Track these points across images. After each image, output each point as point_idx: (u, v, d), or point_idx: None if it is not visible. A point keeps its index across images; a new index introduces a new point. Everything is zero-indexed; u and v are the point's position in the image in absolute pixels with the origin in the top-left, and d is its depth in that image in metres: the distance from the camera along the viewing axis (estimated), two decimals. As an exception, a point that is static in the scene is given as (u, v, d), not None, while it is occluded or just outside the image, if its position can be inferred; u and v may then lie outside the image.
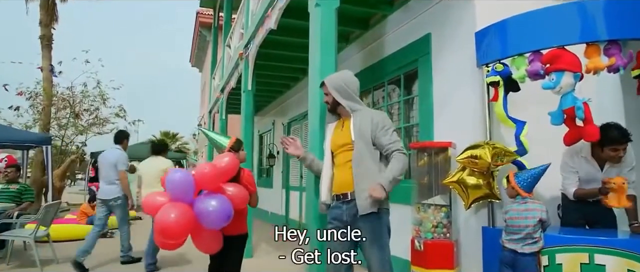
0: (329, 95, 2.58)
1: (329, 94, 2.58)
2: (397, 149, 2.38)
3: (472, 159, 2.99)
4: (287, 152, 2.70)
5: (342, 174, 2.46)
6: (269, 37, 5.33)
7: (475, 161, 2.97)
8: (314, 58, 3.10)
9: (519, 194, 2.69)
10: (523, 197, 2.68)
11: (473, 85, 3.37)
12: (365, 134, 2.41)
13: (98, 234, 4.94)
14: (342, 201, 2.43)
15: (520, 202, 2.67)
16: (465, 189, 3.05)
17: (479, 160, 2.97)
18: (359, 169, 2.37)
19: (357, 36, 5.40)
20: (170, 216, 2.18)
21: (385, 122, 2.46)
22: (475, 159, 2.97)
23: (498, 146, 2.96)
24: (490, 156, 2.92)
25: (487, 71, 3.11)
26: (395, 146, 2.39)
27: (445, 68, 3.77)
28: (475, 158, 2.99)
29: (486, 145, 2.98)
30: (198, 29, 18.72)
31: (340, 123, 2.61)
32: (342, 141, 2.50)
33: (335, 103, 2.57)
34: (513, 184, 2.72)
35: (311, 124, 3.06)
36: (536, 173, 2.71)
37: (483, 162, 2.95)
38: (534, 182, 2.72)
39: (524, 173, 2.76)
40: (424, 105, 4.03)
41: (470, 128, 3.37)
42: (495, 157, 2.92)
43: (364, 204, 2.30)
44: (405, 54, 4.34)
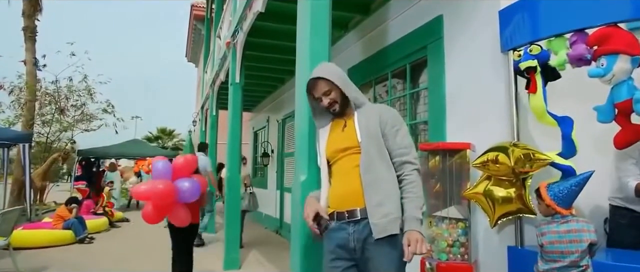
0: (335, 92, 1.96)
1: (333, 91, 1.96)
2: (410, 161, 1.84)
3: (489, 164, 2.42)
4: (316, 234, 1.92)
5: (345, 184, 1.89)
6: (259, 23, 4.76)
7: (494, 165, 2.40)
8: (303, 43, 2.50)
9: (557, 212, 2.12)
10: (563, 215, 2.11)
11: (496, 73, 2.80)
12: (374, 133, 1.87)
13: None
14: (348, 220, 1.84)
15: (559, 222, 2.10)
16: (492, 202, 2.48)
17: (499, 165, 2.40)
18: (370, 176, 1.81)
19: (357, 23, 4.82)
20: (158, 186, 3.21)
21: (395, 121, 1.91)
22: (495, 164, 2.40)
23: (527, 147, 2.40)
24: (512, 160, 2.35)
25: (518, 56, 2.54)
26: (408, 155, 1.85)
27: (460, 55, 3.19)
28: (493, 162, 2.42)
29: (511, 146, 2.41)
30: (193, 22, 18.12)
31: (339, 123, 2.04)
32: (344, 144, 1.94)
33: (345, 101, 1.98)
34: (546, 198, 2.14)
35: (299, 125, 2.43)
36: (574, 184, 2.12)
37: (503, 168, 2.38)
38: (573, 195, 2.13)
39: (558, 184, 2.18)
40: (434, 100, 3.46)
41: (493, 126, 2.80)
42: (521, 161, 2.35)
43: (382, 223, 1.73)
44: (413, 41, 3.76)
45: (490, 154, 2.47)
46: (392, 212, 1.75)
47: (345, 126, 2.00)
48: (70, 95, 10.89)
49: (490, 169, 2.46)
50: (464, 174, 2.80)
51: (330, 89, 1.96)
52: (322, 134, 2.08)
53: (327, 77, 1.96)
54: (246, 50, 5.44)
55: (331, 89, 1.96)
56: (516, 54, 2.57)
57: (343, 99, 1.99)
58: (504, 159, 2.38)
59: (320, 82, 1.97)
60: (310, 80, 2.01)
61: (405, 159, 1.84)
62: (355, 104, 1.98)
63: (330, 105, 1.98)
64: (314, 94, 2.02)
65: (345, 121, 2.01)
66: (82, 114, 11.20)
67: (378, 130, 1.88)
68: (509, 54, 2.66)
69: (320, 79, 1.97)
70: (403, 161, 1.84)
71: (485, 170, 2.50)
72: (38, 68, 10.77)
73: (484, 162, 2.48)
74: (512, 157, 2.36)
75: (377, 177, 1.81)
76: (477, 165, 2.51)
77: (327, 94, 1.97)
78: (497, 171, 2.43)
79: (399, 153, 1.85)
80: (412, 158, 1.85)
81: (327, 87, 1.96)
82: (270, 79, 7.72)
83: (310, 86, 2.03)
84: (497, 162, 2.41)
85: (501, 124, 2.73)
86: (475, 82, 3.01)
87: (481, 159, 2.50)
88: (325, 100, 1.97)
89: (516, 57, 2.57)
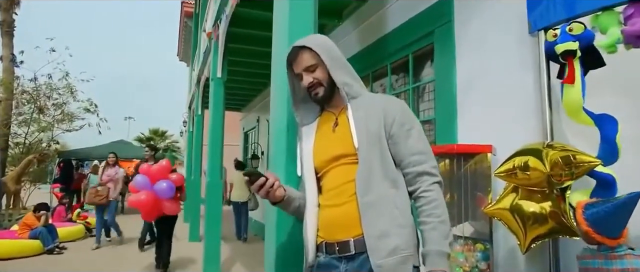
0: (321, 70, 1.46)
1: (319, 69, 1.46)
2: (428, 172, 1.34)
3: (517, 172, 1.91)
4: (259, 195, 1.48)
5: (336, 205, 1.38)
6: (244, 11, 4.24)
7: (523, 174, 1.88)
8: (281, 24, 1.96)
9: (599, 242, 1.60)
10: (610, 247, 1.59)
11: (522, 60, 2.29)
12: (376, 134, 1.37)
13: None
14: (340, 254, 1.34)
15: (608, 256, 1.59)
16: (522, 221, 1.95)
17: (530, 172, 1.88)
18: (370, 196, 1.30)
19: (352, 10, 4.30)
20: (141, 196, 4.42)
21: (406, 117, 1.40)
22: (524, 171, 1.89)
23: (566, 147, 1.88)
24: (547, 165, 1.83)
25: (553, 36, 2.03)
26: (425, 164, 1.34)
27: (474, 40, 2.68)
28: (522, 169, 1.91)
29: (545, 148, 1.90)
30: (184, 19, 17.52)
31: (328, 120, 1.52)
32: (336, 150, 1.43)
33: (332, 85, 1.47)
34: (582, 223, 1.62)
35: (275, 121, 1.88)
36: (621, 205, 1.55)
37: (536, 176, 1.86)
38: (617, 221, 1.58)
39: (599, 204, 1.64)
40: (442, 94, 2.94)
41: (517, 124, 2.29)
42: (559, 166, 1.83)
43: (388, 264, 1.23)
44: (416, 26, 3.25)
45: (517, 159, 1.95)
46: (402, 246, 1.24)
47: (336, 125, 1.48)
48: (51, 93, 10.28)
49: (518, 179, 1.94)
50: (482, 183, 2.29)
51: (316, 65, 1.45)
52: (307, 134, 1.54)
53: (314, 48, 1.44)
54: (231, 43, 4.91)
55: (317, 65, 1.45)
56: (551, 34, 2.06)
57: (331, 84, 1.47)
58: (537, 164, 1.86)
59: (303, 53, 1.45)
60: (293, 50, 1.49)
61: (421, 170, 1.33)
62: (347, 93, 1.45)
63: (312, 87, 1.45)
64: (294, 69, 1.51)
65: (337, 117, 1.49)
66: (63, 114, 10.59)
67: (381, 131, 1.37)
68: (539, 35, 2.15)
69: (305, 49, 1.45)
70: (418, 171, 1.33)
71: (512, 180, 1.98)
72: (15, 65, 10.17)
73: (510, 170, 1.96)
74: (547, 161, 1.84)
75: (380, 196, 1.29)
76: (502, 174, 1.99)
77: (309, 70, 1.45)
78: (527, 180, 1.91)
79: (413, 161, 1.34)
80: (430, 167, 1.34)
81: (312, 61, 1.45)
82: (261, 75, 7.17)
83: (291, 58, 1.50)
84: (528, 169, 1.89)
85: (528, 121, 2.23)
86: (494, 72, 2.50)
87: (506, 167, 1.98)
88: (306, 78, 1.45)
89: (551, 38, 2.06)
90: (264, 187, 1.34)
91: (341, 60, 1.50)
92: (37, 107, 10.12)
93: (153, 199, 4.43)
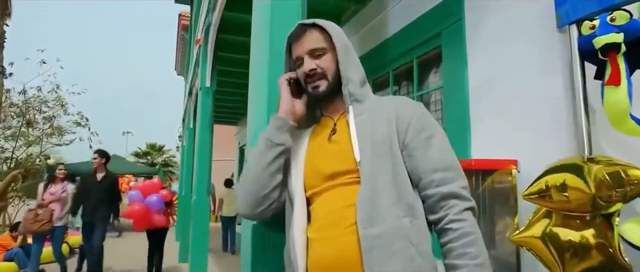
0: (329, 58, 1.14)
1: (327, 56, 1.14)
2: (456, 193, 1.01)
3: (552, 192, 1.56)
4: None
5: (331, 241, 1.03)
6: (233, 16, 3.94)
7: (560, 195, 1.53)
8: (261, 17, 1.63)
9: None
10: None
11: (548, 60, 1.96)
12: (385, 143, 1.05)
13: None
14: None
15: None
16: (559, 253, 1.59)
17: (569, 193, 1.53)
18: (376, 228, 0.97)
19: (352, 14, 4.00)
20: (134, 207, 5.05)
21: (425, 122, 1.09)
22: (561, 192, 1.54)
23: (613, 161, 1.54)
24: (592, 184, 1.49)
25: (590, 28, 1.70)
26: (452, 183, 1.02)
27: (490, 40, 2.36)
28: (559, 189, 1.55)
29: (586, 163, 1.56)
30: (181, 33, 17.34)
31: (324, 127, 1.20)
32: (331, 166, 1.10)
33: (337, 81, 1.14)
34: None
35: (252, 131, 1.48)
36: None
37: (577, 198, 1.51)
38: None
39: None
40: (452, 103, 2.60)
41: (545, 136, 1.95)
42: (606, 185, 1.47)
43: None
44: (421, 28, 2.93)
45: (551, 177, 1.60)
46: None
47: (333, 132, 1.14)
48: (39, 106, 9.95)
49: (553, 202, 1.59)
50: (505, 204, 1.93)
51: (325, 50, 1.14)
52: (297, 142, 1.19)
53: (327, 29, 1.14)
54: (222, 51, 4.60)
55: (325, 51, 1.14)
56: (587, 26, 1.73)
57: (337, 79, 1.14)
58: (577, 182, 1.51)
59: (312, 32, 1.15)
60: (297, 28, 1.17)
61: (447, 191, 0.99)
62: (351, 93, 1.12)
63: (313, 76, 1.13)
64: (294, 51, 1.18)
65: (335, 123, 1.16)
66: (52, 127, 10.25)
67: (393, 139, 1.04)
68: (569, 30, 1.82)
69: (315, 27, 1.15)
70: (443, 194, 0.99)
71: (546, 203, 1.62)
72: (4, 76, 9.87)
73: (543, 191, 1.61)
74: (591, 179, 1.50)
75: (390, 228, 0.96)
76: (532, 196, 1.63)
77: (315, 54, 1.14)
78: (565, 203, 1.56)
79: (436, 180, 1.00)
80: (459, 188, 1.00)
81: (321, 43, 1.14)
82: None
83: (292, 39, 1.18)
84: (566, 190, 1.54)
85: (557, 131, 1.89)
86: (514, 76, 2.17)
87: (537, 187, 1.63)
88: (308, 62, 1.13)
89: (587, 31, 1.73)
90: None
91: (355, 55, 1.19)
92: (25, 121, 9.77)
93: (144, 210, 5.02)
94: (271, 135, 1.12)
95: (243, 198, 1.13)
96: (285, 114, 1.14)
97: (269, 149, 1.11)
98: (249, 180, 1.12)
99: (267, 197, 1.11)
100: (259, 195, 1.11)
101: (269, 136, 1.12)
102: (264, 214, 1.14)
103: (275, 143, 1.11)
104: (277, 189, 1.13)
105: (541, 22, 1.99)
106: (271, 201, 1.12)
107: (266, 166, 1.10)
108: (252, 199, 1.11)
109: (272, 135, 1.12)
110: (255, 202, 1.11)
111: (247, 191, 1.12)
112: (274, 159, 1.11)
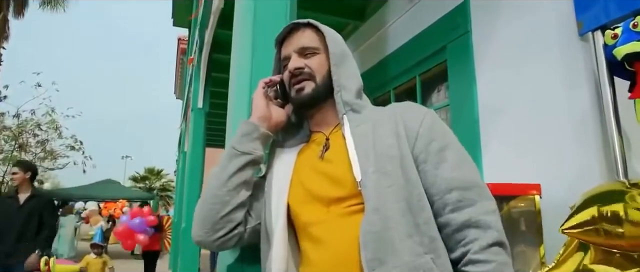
0: (318, 59, 0.95)
1: (318, 57, 0.95)
2: (481, 223, 0.78)
3: (603, 224, 1.31)
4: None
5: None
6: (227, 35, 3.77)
7: (616, 229, 1.29)
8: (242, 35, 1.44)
9: None
10: None
11: (570, 72, 1.76)
12: (395, 156, 0.83)
13: None
14: None
15: None
16: (600, 296, 1.33)
17: (625, 227, 1.28)
18: (388, 269, 0.74)
19: (351, 30, 3.85)
20: (119, 228, 5.68)
21: (435, 130, 0.87)
22: (617, 226, 1.29)
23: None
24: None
25: (612, 38, 1.50)
26: (473, 207, 0.79)
27: (500, 52, 2.16)
28: (612, 222, 1.30)
29: (630, 189, 1.32)
30: (180, 57, 17.36)
31: (316, 143, 0.96)
32: (324, 190, 0.87)
33: (327, 88, 0.94)
34: None
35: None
36: None
37: (632, 232, 1.27)
38: None
39: None
40: (461, 122, 2.39)
41: (568, 157, 1.73)
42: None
43: None
44: (424, 43, 2.75)
45: (594, 208, 1.35)
46: None
47: (326, 148, 0.92)
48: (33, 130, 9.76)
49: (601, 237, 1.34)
50: (528, 234, 1.69)
51: (316, 50, 0.96)
52: (281, 160, 0.97)
53: (321, 29, 0.97)
54: (216, 72, 4.44)
55: (317, 51, 0.96)
56: (610, 36, 1.53)
57: (326, 86, 0.94)
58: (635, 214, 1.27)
59: (304, 31, 0.97)
60: (289, 26, 0.99)
61: (466, 218, 0.78)
62: (345, 102, 0.91)
63: (298, 75, 0.93)
64: (283, 50, 1.00)
65: (328, 138, 0.93)
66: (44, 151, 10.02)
67: (404, 154, 0.83)
68: (593, 38, 1.62)
69: (308, 27, 0.98)
70: (461, 222, 0.78)
71: (592, 237, 1.37)
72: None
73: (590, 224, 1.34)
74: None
75: (405, 270, 0.74)
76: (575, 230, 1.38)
77: (305, 52, 0.95)
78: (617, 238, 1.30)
79: (450, 203, 0.80)
80: (482, 213, 0.78)
81: (313, 43, 0.96)
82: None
83: (282, 38, 1.00)
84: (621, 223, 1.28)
85: (582, 152, 1.66)
86: (530, 91, 1.96)
87: (581, 218, 1.37)
88: (295, 60, 0.94)
89: (610, 40, 1.53)
90: None
91: (353, 64, 1.00)
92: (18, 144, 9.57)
93: (127, 230, 5.51)
94: (236, 141, 0.93)
95: (196, 220, 0.91)
96: (257, 120, 0.94)
97: (233, 159, 0.91)
98: (206, 198, 0.91)
99: (227, 219, 0.89)
100: (216, 216, 0.88)
101: (234, 143, 0.93)
102: (224, 243, 0.91)
103: (240, 151, 0.91)
104: (241, 210, 0.91)
105: (560, 30, 1.80)
106: (232, 225, 0.90)
107: (227, 178, 0.89)
108: (208, 222, 0.88)
109: (236, 141, 0.93)
110: (211, 225, 0.88)
111: (202, 211, 0.90)
112: (237, 170, 0.90)
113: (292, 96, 0.96)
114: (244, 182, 0.91)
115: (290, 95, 0.96)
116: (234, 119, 1.24)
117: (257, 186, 0.97)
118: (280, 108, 0.99)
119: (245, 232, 0.93)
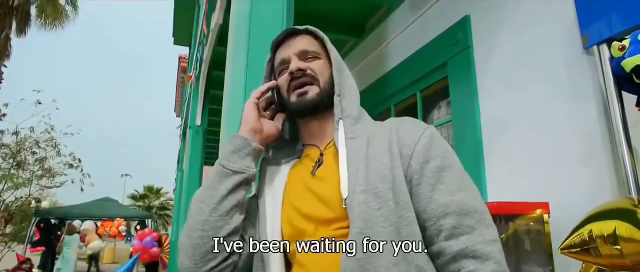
0: (321, 63, 0.90)
1: (319, 60, 0.91)
2: (478, 251, 0.69)
3: (599, 243, 1.25)
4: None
5: None
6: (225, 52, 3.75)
7: (613, 248, 1.22)
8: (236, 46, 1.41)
9: None
10: None
11: (577, 86, 1.71)
12: (387, 176, 0.75)
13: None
14: None
15: None
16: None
17: (622, 244, 1.22)
18: None
19: (351, 47, 3.84)
20: (136, 246, 8.00)
21: (433, 148, 0.78)
22: (613, 245, 1.23)
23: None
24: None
25: (620, 50, 1.46)
26: (470, 235, 0.71)
27: (503, 68, 2.12)
28: (608, 240, 1.25)
29: (638, 207, 1.26)
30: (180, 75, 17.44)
31: (309, 157, 0.90)
32: (318, 211, 0.79)
33: (330, 93, 0.88)
34: None
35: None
36: None
37: (635, 249, 1.21)
38: None
39: None
40: (463, 139, 2.33)
41: (578, 174, 1.66)
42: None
43: None
44: (424, 59, 2.72)
45: (595, 225, 1.30)
46: None
47: (319, 164, 0.86)
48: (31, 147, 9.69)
49: (600, 256, 1.28)
50: (537, 254, 1.61)
51: (318, 55, 0.91)
52: (273, 178, 0.90)
53: (320, 36, 0.93)
54: (213, 89, 4.40)
55: (318, 55, 0.91)
56: (617, 47, 1.49)
57: (330, 91, 0.88)
58: (632, 231, 1.21)
59: (303, 36, 0.93)
60: (287, 31, 0.94)
61: (461, 248, 0.70)
62: (343, 107, 0.85)
63: (302, 78, 0.87)
64: (279, 54, 0.94)
65: (322, 153, 0.88)
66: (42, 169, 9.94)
67: (396, 175, 0.75)
68: (599, 51, 1.58)
69: (307, 33, 0.93)
70: (456, 252, 0.70)
71: (589, 258, 1.31)
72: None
73: (586, 243, 1.30)
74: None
75: None
76: (573, 250, 1.32)
77: (307, 56, 0.90)
78: (616, 257, 1.25)
79: (445, 230, 0.72)
80: (481, 242, 0.70)
81: (313, 47, 0.91)
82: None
83: (278, 43, 0.95)
84: (616, 241, 1.23)
85: (593, 169, 1.60)
86: (533, 106, 1.91)
87: (578, 237, 1.32)
88: (296, 62, 0.88)
89: (617, 53, 1.49)
90: None
91: (350, 76, 0.94)
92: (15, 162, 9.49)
93: (143, 248, 7.47)
94: (226, 159, 0.83)
95: (184, 249, 0.80)
96: (247, 133, 0.85)
97: (223, 179, 0.81)
98: (194, 224, 0.79)
99: (220, 248, 0.78)
100: (207, 245, 0.77)
101: (223, 161, 0.83)
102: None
103: (232, 170, 0.81)
104: (235, 237, 0.80)
105: (563, 44, 1.76)
106: (226, 254, 0.79)
107: (219, 201, 0.79)
108: (198, 252, 0.78)
109: (226, 158, 0.83)
110: (201, 255, 0.78)
111: (190, 239, 0.79)
112: (229, 191, 0.80)
113: (292, 101, 0.88)
114: (236, 204, 0.80)
115: (289, 100, 0.88)
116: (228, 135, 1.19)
117: (248, 207, 0.87)
118: (271, 120, 0.93)
119: (239, 261, 0.82)
